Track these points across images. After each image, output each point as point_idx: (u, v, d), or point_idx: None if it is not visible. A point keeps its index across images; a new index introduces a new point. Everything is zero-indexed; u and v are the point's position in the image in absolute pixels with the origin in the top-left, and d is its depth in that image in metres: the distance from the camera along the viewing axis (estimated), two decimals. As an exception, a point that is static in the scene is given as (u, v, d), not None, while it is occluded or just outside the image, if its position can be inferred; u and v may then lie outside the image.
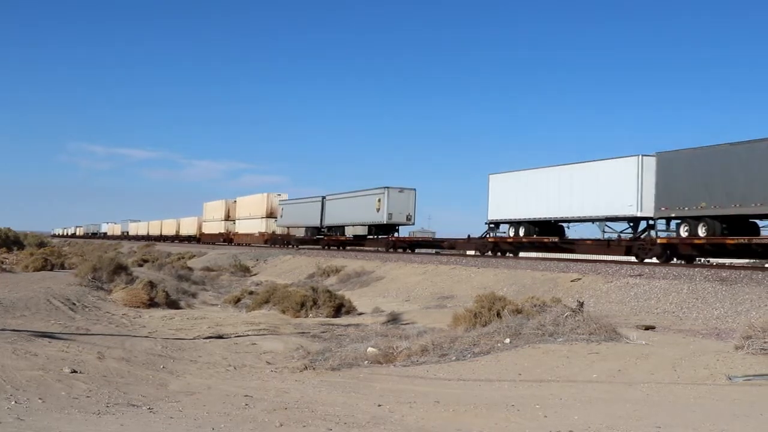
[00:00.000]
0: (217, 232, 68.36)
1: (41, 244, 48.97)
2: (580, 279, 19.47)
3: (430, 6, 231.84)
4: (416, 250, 41.42)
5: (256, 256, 43.25)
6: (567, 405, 7.34)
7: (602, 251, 27.59)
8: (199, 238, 75.19)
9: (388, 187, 39.89)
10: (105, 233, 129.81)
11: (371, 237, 43.40)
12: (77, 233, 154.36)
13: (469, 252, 36.13)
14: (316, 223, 48.63)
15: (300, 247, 50.99)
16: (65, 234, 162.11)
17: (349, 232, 45.46)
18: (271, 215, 57.35)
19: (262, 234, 57.93)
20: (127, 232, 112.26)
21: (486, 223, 34.18)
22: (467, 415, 6.99)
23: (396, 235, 41.48)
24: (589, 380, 8.64)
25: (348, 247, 45.91)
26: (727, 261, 24.84)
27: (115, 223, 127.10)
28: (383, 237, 41.78)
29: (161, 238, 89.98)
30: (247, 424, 6.37)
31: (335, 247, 46.53)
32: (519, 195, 31.70)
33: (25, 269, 25.56)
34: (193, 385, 8.59)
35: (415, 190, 41.04)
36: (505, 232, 33.51)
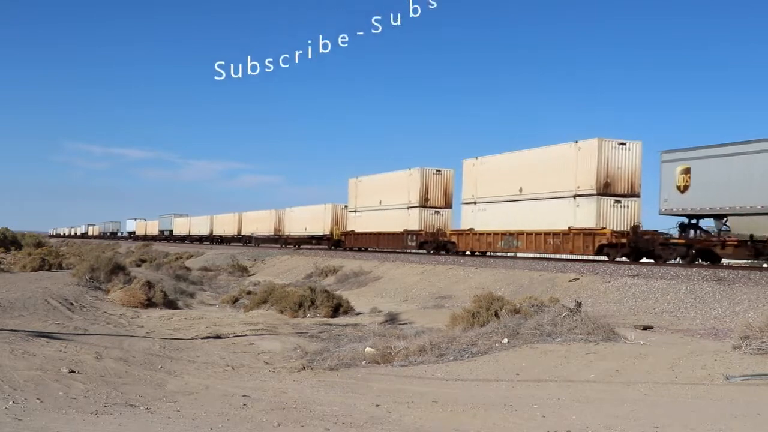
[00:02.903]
0: (391, 230, 38.51)
1: (39, 244, 48.84)
2: (578, 279, 19.48)
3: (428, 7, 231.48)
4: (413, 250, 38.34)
5: (254, 256, 43.28)
6: (565, 405, 7.34)
7: None
8: (338, 241, 46.10)
9: None
10: (132, 232, 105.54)
11: None
12: (90, 233, 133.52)
13: None
14: None
15: None
16: (73, 234, 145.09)
17: None
18: (606, 190, 25.19)
19: (584, 234, 25.54)
20: (170, 231, 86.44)
21: None
22: (465, 415, 6.99)
23: None
24: (587, 380, 8.64)
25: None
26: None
27: (146, 220, 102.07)
28: None
29: (240, 239, 64.69)
30: (244, 424, 6.37)
31: None
32: None
33: (22, 269, 25.51)
34: (191, 385, 8.58)
35: None
36: None
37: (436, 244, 35.18)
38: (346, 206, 45.56)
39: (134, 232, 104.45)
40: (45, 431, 5.54)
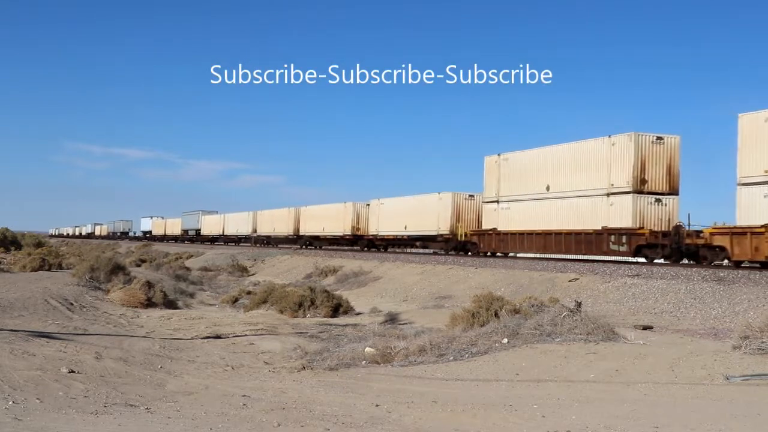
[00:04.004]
0: (575, 227, 25.81)
1: (39, 244, 48.84)
2: (577, 279, 19.49)
3: (431, 7, 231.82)
4: (413, 250, 38.23)
5: (254, 256, 43.26)
6: (565, 405, 7.34)
7: None
8: (464, 243, 33.28)
9: None
10: (147, 232, 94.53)
11: None
12: (97, 232, 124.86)
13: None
14: None
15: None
16: (78, 234, 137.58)
17: None
18: None
19: None
20: (197, 231, 74.62)
21: None
22: (465, 415, 6.99)
23: None
24: (586, 380, 8.65)
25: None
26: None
27: (165, 218, 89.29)
28: None
29: (295, 241, 51.99)
30: (244, 424, 6.37)
31: None
32: None
33: (22, 269, 25.52)
34: (190, 385, 8.58)
35: None
36: None
37: (675, 248, 22.26)
38: (471, 195, 33.90)
39: (150, 232, 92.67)
40: (45, 431, 5.54)
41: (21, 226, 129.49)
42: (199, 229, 74.17)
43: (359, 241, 44.30)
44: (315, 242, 49.98)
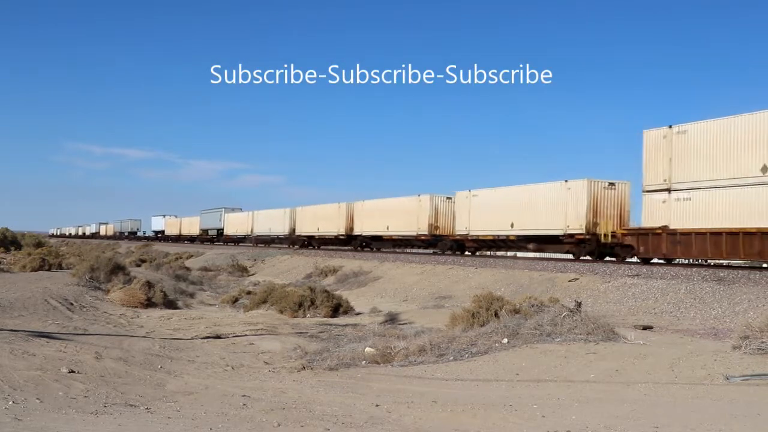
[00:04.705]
0: None
1: (39, 244, 48.83)
2: (577, 279, 19.50)
3: (431, 7, 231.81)
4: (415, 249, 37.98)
5: (254, 256, 43.26)
6: (564, 405, 7.34)
7: None
8: (611, 246, 25.18)
9: None
10: (160, 232, 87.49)
11: None
12: (102, 232, 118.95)
13: None
14: None
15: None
16: (81, 234, 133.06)
17: None
18: None
19: None
20: (220, 231, 67.44)
21: None
22: (465, 415, 7.00)
23: None
24: (586, 380, 8.65)
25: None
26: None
27: (179, 217, 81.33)
28: None
29: (348, 241, 45.09)
30: (244, 424, 6.37)
31: None
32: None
33: (22, 269, 25.52)
34: (190, 385, 8.58)
35: None
36: None
37: None
38: (611, 183, 26.78)
39: (162, 232, 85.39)
40: (45, 431, 5.54)
41: (21, 226, 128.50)
42: (222, 229, 66.60)
43: (440, 243, 36.07)
44: (374, 243, 42.46)
